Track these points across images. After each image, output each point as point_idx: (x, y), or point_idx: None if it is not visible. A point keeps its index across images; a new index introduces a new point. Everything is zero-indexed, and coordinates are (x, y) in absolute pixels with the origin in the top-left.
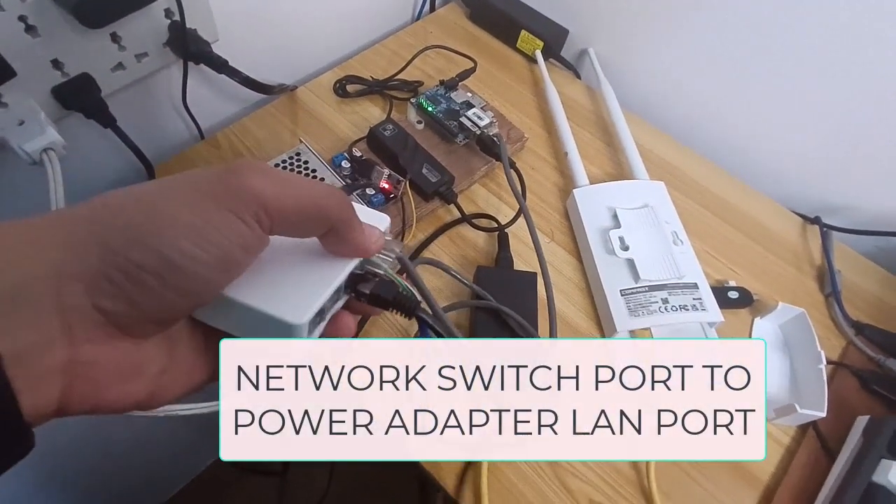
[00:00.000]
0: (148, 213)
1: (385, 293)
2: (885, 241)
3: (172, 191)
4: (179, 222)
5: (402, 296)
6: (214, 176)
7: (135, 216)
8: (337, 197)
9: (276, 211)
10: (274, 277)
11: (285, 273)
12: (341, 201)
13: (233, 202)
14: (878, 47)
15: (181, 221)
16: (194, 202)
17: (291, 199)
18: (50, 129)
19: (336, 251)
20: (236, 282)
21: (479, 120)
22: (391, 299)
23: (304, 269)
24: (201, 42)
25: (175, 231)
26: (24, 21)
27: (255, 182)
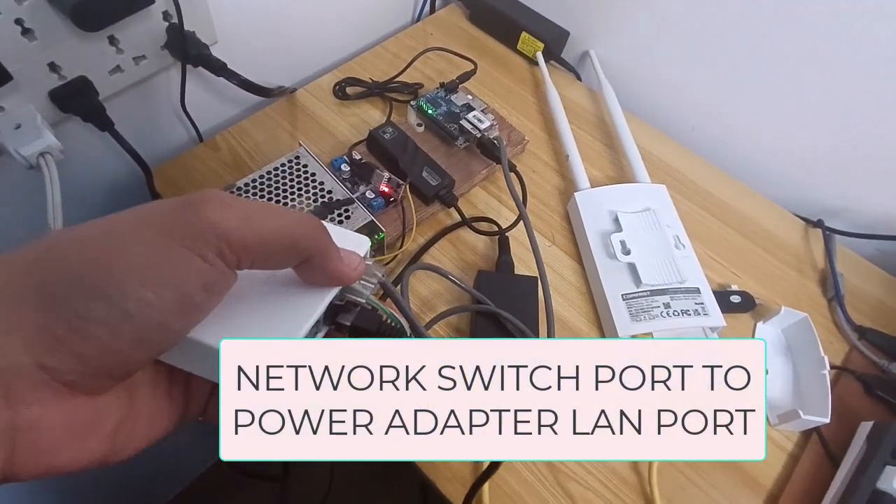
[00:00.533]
0: (93, 256)
1: (367, 324)
2: (887, 245)
3: (121, 230)
4: (129, 264)
5: (386, 325)
6: (168, 209)
7: (78, 260)
8: (309, 225)
9: (240, 245)
10: (244, 315)
11: (256, 309)
12: (314, 229)
13: (190, 238)
14: (880, 48)
15: (131, 263)
16: (146, 240)
17: (257, 230)
18: (47, 133)
19: (312, 281)
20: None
21: (479, 122)
22: (374, 330)
23: (277, 304)
24: (200, 45)
25: (125, 274)
26: (20, 24)
27: (215, 214)
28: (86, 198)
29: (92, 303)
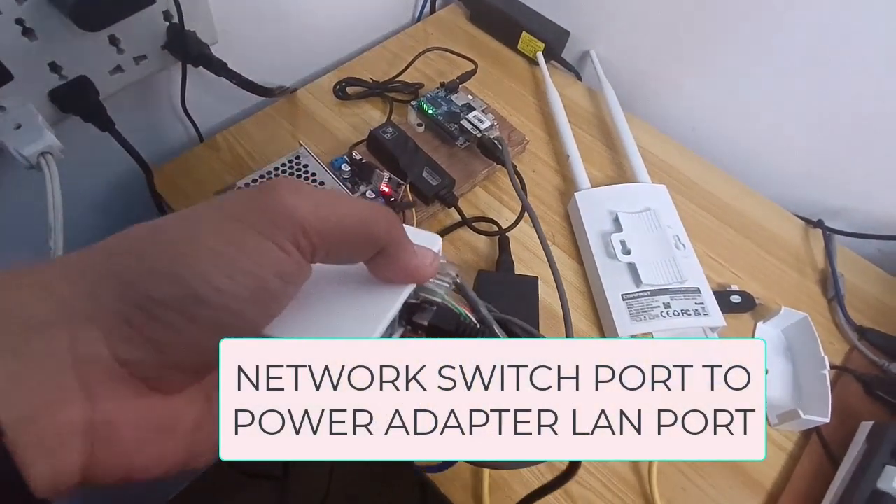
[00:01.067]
0: (169, 244)
1: (445, 324)
2: (887, 245)
3: (196, 218)
4: (205, 251)
5: (464, 325)
6: (244, 197)
7: (154, 247)
8: (385, 214)
9: (316, 233)
10: (319, 313)
11: (331, 307)
12: (390, 219)
13: (267, 225)
14: (880, 48)
15: (207, 249)
16: (221, 228)
17: (334, 218)
18: (47, 133)
19: (387, 277)
20: (277, 319)
21: (479, 122)
22: (453, 330)
23: (352, 302)
24: (200, 44)
25: (200, 260)
26: (21, 24)
27: (292, 201)
28: (86, 198)
29: (165, 287)
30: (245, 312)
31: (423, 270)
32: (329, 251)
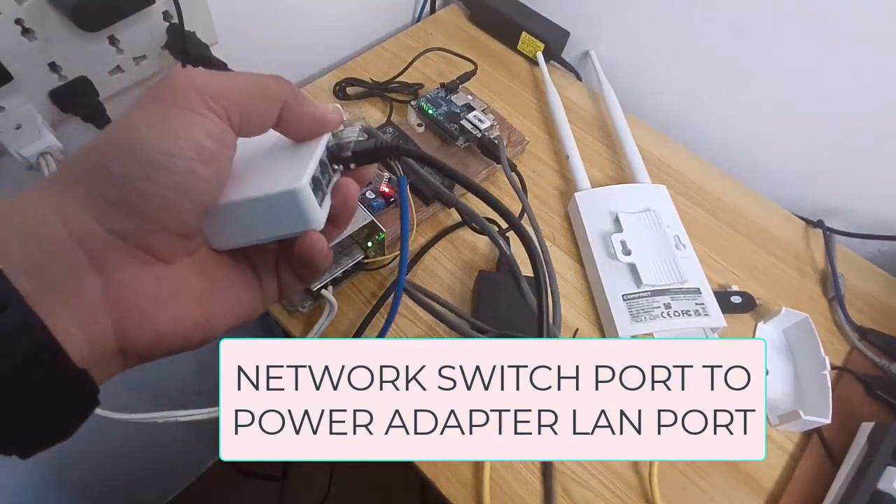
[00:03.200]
0: (116, 134)
1: (366, 145)
2: (887, 245)
3: (127, 113)
4: (145, 129)
5: (384, 141)
6: (160, 83)
7: (107, 141)
8: (276, 77)
9: (222, 97)
10: (260, 171)
11: (268, 165)
12: (281, 80)
13: (183, 99)
14: (880, 48)
15: (147, 128)
16: (152, 111)
17: (233, 83)
18: (47, 134)
19: (299, 131)
20: (227, 189)
21: (479, 123)
22: (375, 146)
23: (283, 156)
24: (200, 45)
25: (144, 136)
26: (20, 24)
27: (196, 77)
28: None
29: (126, 164)
30: (196, 170)
31: (329, 117)
32: (240, 115)
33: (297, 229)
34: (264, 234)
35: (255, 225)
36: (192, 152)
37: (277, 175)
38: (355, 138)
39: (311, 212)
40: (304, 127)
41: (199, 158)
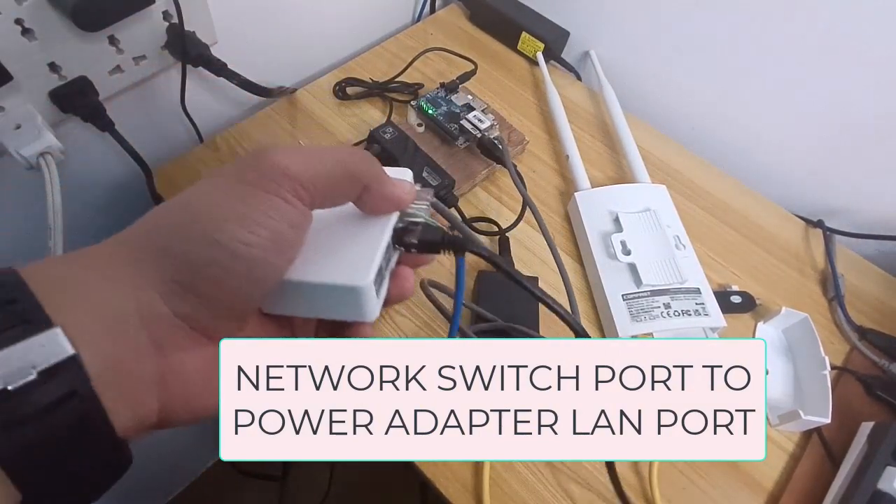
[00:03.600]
0: (195, 213)
1: (432, 237)
2: (887, 245)
3: (212, 187)
4: (227, 213)
5: (449, 235)
6: (246, 163)
7: (184, 218)
8: (362, 156)
9: (310, 183)
10: (326, 251)
11: (335, 244)
12: (367, 159)
13: (270, 184)
14: (880, 48)
15: (228, 212)
16: (235, 192)
17: (321, 167)
18: (47, 134)
19: (373, 209)
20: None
21: (479, 122)
22: (440, 240)
23: (351, 236)
24: (200, 45)
25: (226, 222)
26: (20, 24)
27: (284, 160)
28: (86, 198)
29: (204, 250)
30: (269, 259)
31: (404, 197)
32: (324, 197)
33: (352, 318)
34: (320, 313)
35: (313, 305)
36: (270, 241)
37: (343, 260)
38: (423, 218)
39: (370, 307)
40: (378, 207)
41: (275, 248)
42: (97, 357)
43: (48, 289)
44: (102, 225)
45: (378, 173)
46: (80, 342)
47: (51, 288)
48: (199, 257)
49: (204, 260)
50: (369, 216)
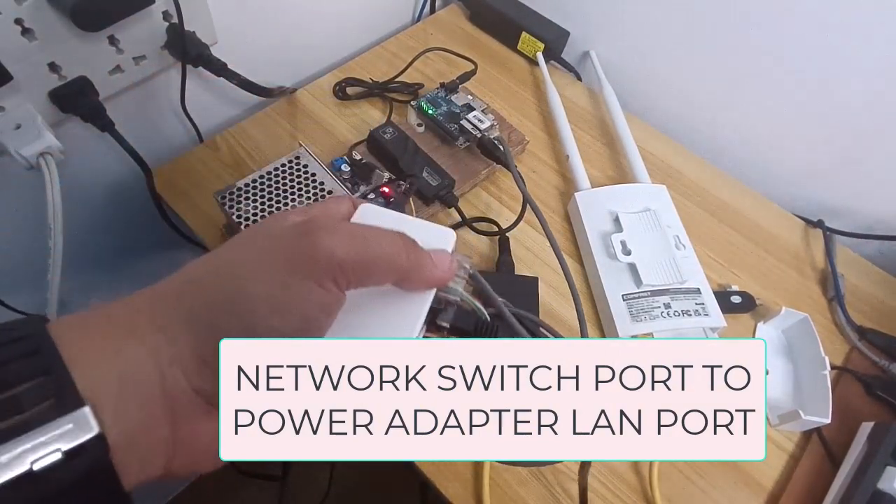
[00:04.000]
0: (230, 290)
1: (465, 324)
2: (887, 245)
3: (251, 261)
4: (262, 297)
5: (482, 324)
6: (290, 241)
7: (218, 294)
8: (406, 245)
9: (351, 270)
10: (354, 329)
11: (365, 323)
12: (410, 248)
13: (311, 269)
14: (879, 48)
15: (264, 295)
16: (274, 273)
17: (366, 255)
18: (47, 134)
19: (411, 289)
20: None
21: (479, 123)
22: (471, 330)
23: (383, 316)
24: (200, 45)
25: (257, 304)
26: (20, 24)
27: (330, 244)
28: (86, 198)
29: (233, 328)
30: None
31: (442, 278)
32: (361, 283)
33: None
34: None
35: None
36: (298, 327)
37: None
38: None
39: None
40: (417, 289)
41: (302, 330)
42: (118, 428)
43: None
44: (102, 225)
45: (419, 261)
46: (104, 412)
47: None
48: (226, 335)
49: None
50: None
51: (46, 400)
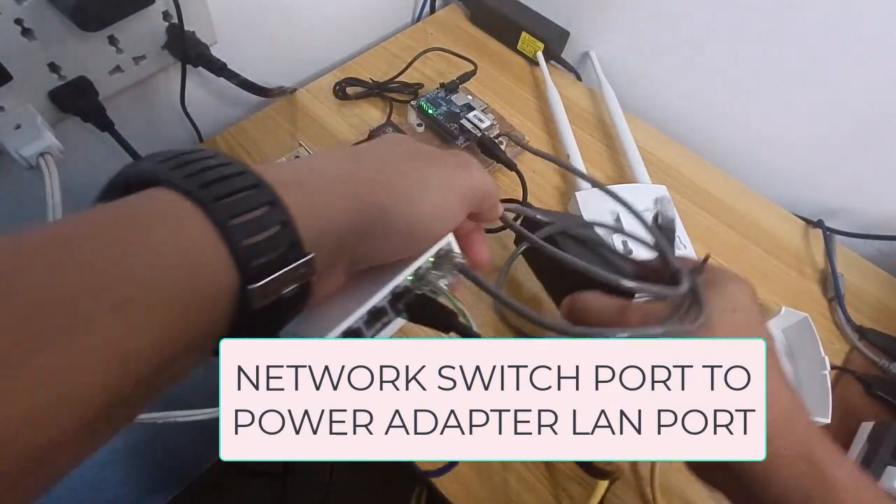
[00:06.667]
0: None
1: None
2: (887, 245)
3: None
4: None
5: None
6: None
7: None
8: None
9: (484, 200)
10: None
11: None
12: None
13: (469, 200)
14: (880, 49)
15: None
16: (439, 191)
17: (493, 190)
18: (47, 133)
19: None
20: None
21: (479, 122)
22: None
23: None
24: (200, 44)
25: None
26: (20, 24)
27: (482, 177)
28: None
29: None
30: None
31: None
32: (480, 210)
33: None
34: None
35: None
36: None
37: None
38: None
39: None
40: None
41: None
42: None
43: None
44: None
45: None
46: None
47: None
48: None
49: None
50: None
51: (275, 226)
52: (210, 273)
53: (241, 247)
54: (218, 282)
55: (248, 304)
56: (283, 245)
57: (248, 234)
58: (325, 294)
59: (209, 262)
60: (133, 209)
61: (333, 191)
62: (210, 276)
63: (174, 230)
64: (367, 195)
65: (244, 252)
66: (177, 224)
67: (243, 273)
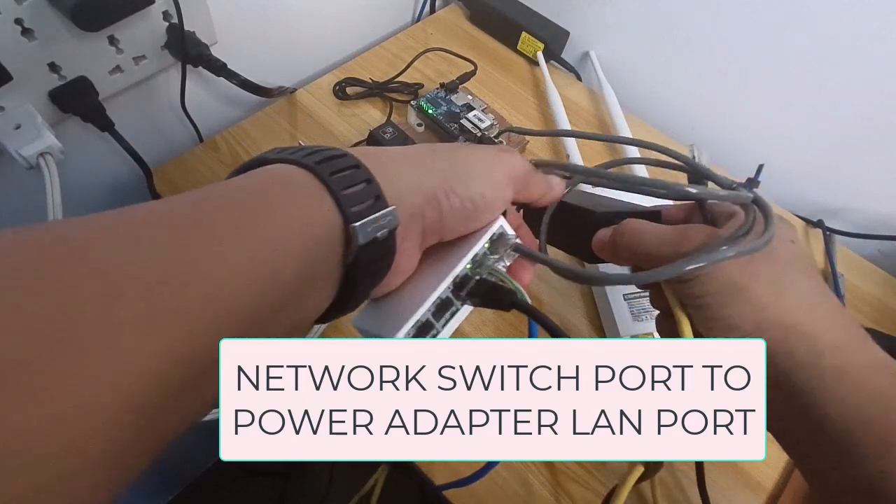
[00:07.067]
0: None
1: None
2: (887, 245)
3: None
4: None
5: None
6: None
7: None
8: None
9: (525, 180)
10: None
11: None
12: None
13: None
14: (880, 49)
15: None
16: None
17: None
18: (47, 134)
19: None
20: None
21: (479, 122)
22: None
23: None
24: (200, 45)
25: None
26: (20, 24)
27: (523, 161)
28: (86, 198)
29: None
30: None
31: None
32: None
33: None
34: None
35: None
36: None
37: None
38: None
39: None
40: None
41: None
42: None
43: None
44: None
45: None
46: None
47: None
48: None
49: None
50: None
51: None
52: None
53: (342, 195)
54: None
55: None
56: (369, 198)
57: (344, 185)
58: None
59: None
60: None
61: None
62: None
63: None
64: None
65: (344, 200)
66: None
67: (345, 215)
